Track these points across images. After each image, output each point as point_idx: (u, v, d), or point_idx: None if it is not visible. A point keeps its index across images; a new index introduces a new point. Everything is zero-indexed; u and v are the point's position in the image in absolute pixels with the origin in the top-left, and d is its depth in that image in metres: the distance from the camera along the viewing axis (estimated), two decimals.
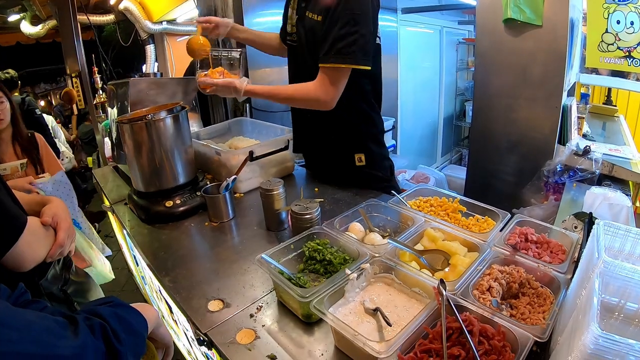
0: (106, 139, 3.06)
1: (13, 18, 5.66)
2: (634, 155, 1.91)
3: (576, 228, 1.16)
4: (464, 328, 0.73)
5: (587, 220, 1.08)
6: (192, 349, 1.24)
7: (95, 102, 4.58)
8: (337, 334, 0.84)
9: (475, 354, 0.69)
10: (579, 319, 0.64)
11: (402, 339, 0.74)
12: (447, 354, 0.71)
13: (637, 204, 1.82)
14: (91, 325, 0.58)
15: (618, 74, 1.99)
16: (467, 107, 5.17)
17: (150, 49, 5.58)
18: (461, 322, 0.74)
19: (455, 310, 0.77)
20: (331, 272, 1.01)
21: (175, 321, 1.28)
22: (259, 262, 0.98)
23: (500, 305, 0.86)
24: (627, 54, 1.72)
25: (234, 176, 1.46)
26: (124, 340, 0.60)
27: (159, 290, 1.32)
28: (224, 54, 1.67)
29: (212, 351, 0.94)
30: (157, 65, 5.61)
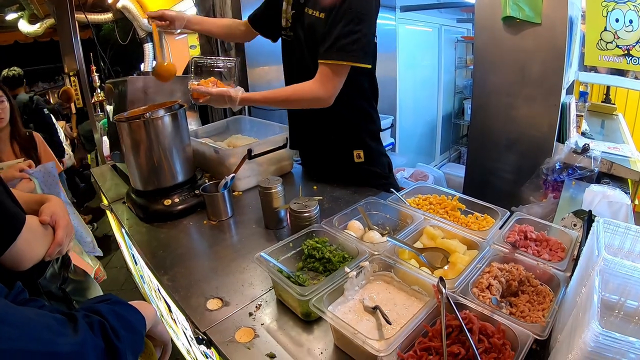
0: (104, 138, 3.06)
1: (11, 17, 5.65)
2: (633, 153, 1.91)
3: (575, 226, 1.16)
4: (463, 326, 0.73)
5: (587, 218, 1.08)
6: (191, 348, 1.24)
7: (94, 101, 4.58)
8: (337, 332, 0.84)
9: (475, 352, 0.69)
10: (579, 316, 0.64)
11: (401, 337, 0.74)
12: (447, 352, 0.71)
13: (636, 201, 1.82)
14: (90, 323, 0.58)
15: (617, 72, 1.99)
16: (465, 105, 5.17)
17: (148, 47, 5.57)
18: (461, 320, 0.74)
19: (454, 308, 0.77)
20: (330, 270, 1.01)
21: (174, 320, 1.28)
22: (258, 261, 0.98)
23: (499, 303, 0.86)
24: (625, 52, 1.73)
25: (233, 174, 1.46)
26: (122, 337, 0.60)
27: (158, 289, 1.31)
28: (218, 63, 1.66)
29: (211, 350, 0.93)
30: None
